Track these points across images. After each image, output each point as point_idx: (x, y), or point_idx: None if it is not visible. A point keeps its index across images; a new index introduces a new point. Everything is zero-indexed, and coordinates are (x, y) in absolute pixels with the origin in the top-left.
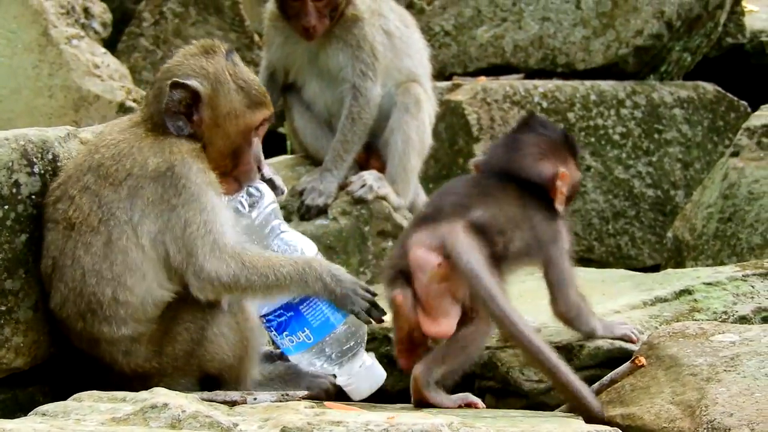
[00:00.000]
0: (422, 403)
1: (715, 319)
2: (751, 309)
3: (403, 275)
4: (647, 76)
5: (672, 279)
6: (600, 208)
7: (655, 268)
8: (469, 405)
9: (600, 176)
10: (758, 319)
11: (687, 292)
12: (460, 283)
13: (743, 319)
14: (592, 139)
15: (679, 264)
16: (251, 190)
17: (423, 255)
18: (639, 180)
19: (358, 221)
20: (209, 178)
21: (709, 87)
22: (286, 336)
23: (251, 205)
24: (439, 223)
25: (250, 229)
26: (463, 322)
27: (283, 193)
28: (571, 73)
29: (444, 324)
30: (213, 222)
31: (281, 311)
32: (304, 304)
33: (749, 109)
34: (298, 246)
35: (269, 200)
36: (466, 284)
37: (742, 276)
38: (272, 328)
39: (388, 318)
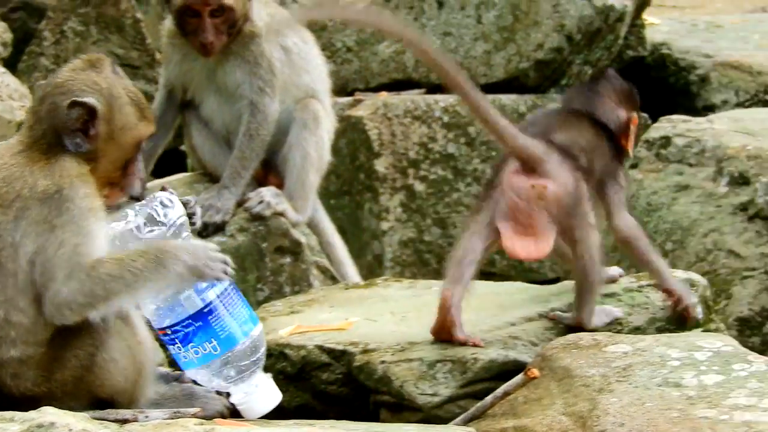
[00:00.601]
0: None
1: (610, 330)
2: (645, 319)
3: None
4: (548, 89)
5: (568, 291)
6: None
7: (557, 281)
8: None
9: None
10: (652, 330)
11: None
12: (556, 201)
13: (637, 330)
14: (493, 153)
15: None
16: (164, 200)
17: (517, 179)
18: None
19: (256, 238)
20: (94, 204)
21: None
22: (192, 347)
23: (165, 215)
24: None
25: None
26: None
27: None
28: None
29: (541, 243)
30: (84, 246)
31: (189, 321)
32: (212, 314)
33: (650, 121)
34: None
35: (180, 212)
36: (562, 201)
37: (638, 287)
38: (177, 340)
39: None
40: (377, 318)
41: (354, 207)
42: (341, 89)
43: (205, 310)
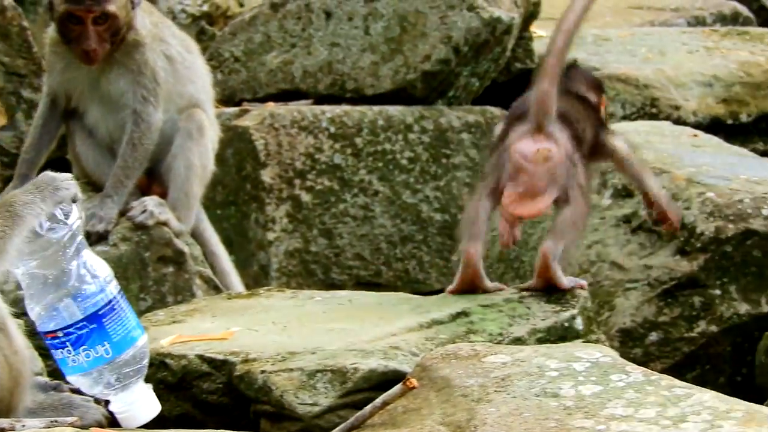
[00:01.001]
0: (547, 280)
1: (491, 341)
2: (527, 330)
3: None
4: (435, 101)
5: (449, 302)
6: (388, 232)
7: (441, 292)
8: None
9: (388, 201)
10: (533, 340)
11: (464, 314)
12: (558, 164)
13: (518, 341)
14: (380, 164)
15: None
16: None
17: (524, 143)
18: (427, 204)
19: (139, 247)
20: None
21: (497, 111)
22: (83, 350)
23: (66, 216)
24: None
25: (61, 243)
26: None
27: None
28: (360, 98)
29: (541, 202)
30: None
31: (84, 323)
32: (107, 317)
33: None
34: (95, 264)
35: (78, 214)
36: (563, 164)
37: (519, 298)
38: (68, 343)
39: None
40: (259, 328)
41: (240, 217)
42: (229, 99)
43: (100, 313)
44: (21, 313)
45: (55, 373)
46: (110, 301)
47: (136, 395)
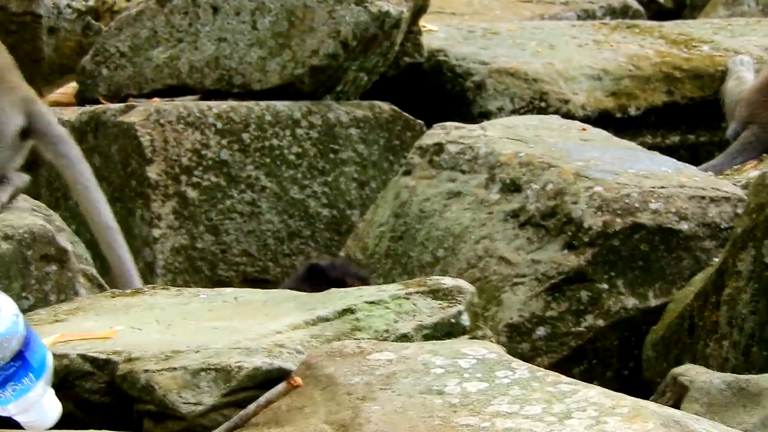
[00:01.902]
0: None
1: (377, 338)
2: (413, 327)
3: None
4: (324, 96)
5: (335, 299)
6: (275, 228)
7: None
8: None
9: (275, 197)
10: (419, 337)
11: (349, 311)
12: None
13: (404, 337)
14: (267, 160)
15: None
16: None
17: None
18: (315, 200)
19: (21, 245)
20: None
21: (386, 106)
22: (11, 386)
23: None
24: None
25: None
26: None
27: None
28: (247, 93)
29: None
30: None
31: (11, 364)
32: (28, 348)
33: (425, 128)
34: None
35: None
36: None
37: (405, 294)
38: None
39: None
40: (142, 326)
41: (126, 214)
42: (114, 95)
43: (23, 347)
44: None
45: None
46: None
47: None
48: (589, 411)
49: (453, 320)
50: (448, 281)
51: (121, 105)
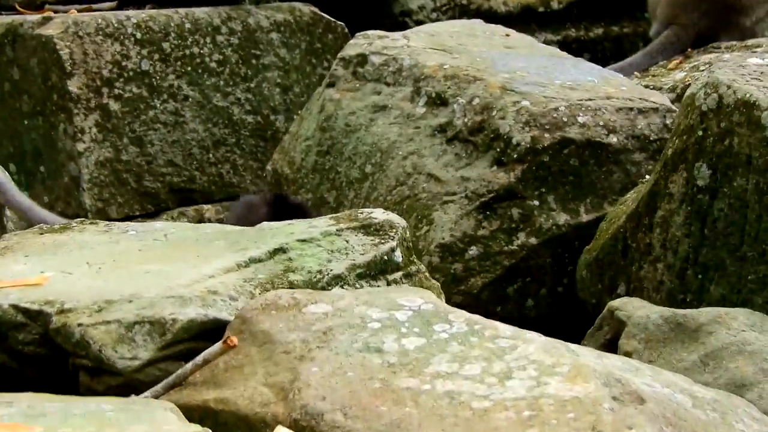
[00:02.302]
0: None
1: (310, 280)
2: (346, 266)
3: None
4: (242, 1)
5: (266, 236)
6: (200, 137)
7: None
8: None
9: (198, 105)
10: (353, 277)
11: (281, 250)
12: None
13: (338, 278)
14: (189, 69)
15: None
16: None
17: None
18: (238, 107)
19: None
20: None
21: (306, 9)
22: None
23: None
24: None
25: None
26: None
27: None
28: (165, 0)
29: None
30: None
31: None
32: None
33: (346, 30)
34: None
35: None
36: None
37: (336, 231)
38: None
39: None
40: (73, 270)
41: (48, 128)
42: (30, 2)
43: None
44: None
45: None
46: None
47: None
48: (529, 370)
49: (386, 257)
50: (378, 215)
51: (38, 16)
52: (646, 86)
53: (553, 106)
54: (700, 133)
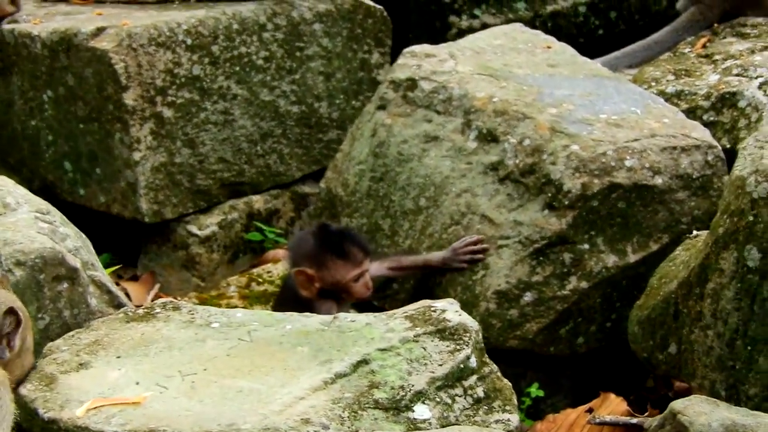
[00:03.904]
0: None
1: (394, 397)
2: (426, 380)
3: None
4: None
5: (348, 342)
6: (248, 132)
7: (304, 179)
8: None
9: (247, 102)
10: (433, 390)
11: (364, 362)
12: None
13: (420, 395)
14: (237, 68)
15: (334, 217)
16: None
17: None
18: (284, 99)
19: (34, 270)
20: None
21: None
22: None
23: None
24: None
25: None
26: None
27: None
28: None
29: None
30: None
31: None
32: None
33: (386, 13)
34: None
35: None
36: None
37: (414, 337)
38: None
39: None
40: (167, 383)
41: (104, 135)
42: None
43: None
44: None
45: None
46: None
47: None
48: None
49: (462, 365)
50: (452, 315)
51: (92, 27)
52: (680, 91)
53: (602, 150)
54: (751, 218)
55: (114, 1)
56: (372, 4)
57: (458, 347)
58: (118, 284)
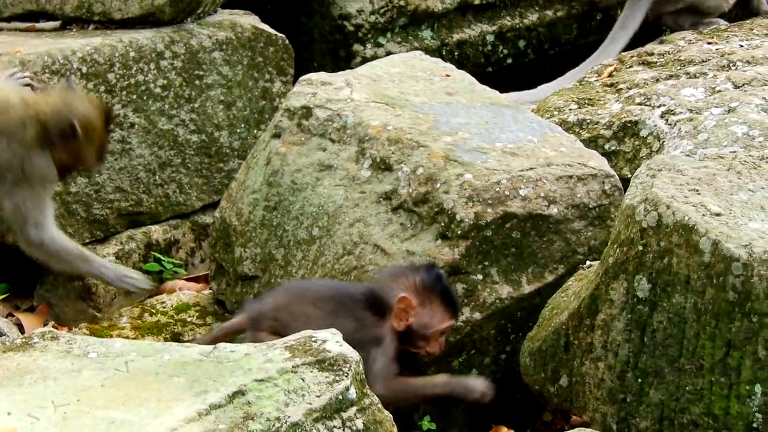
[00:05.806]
0: None
1: (269, 429)
2: (303, 412)
3: None
4: (184, 20)
5: (225, 372)
6: (146, 161)
7: (204, 209)
8: None
9: (144, 131)
10: (310, 422)
11: (240, 393)
12: None
13: (296, 426)
14: (134, 96)
15: (228, 246)
16: None
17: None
18: (183, 128)
19: None
20: None
21: (247, 24)
22: None
23: None
24: None
25: None
26: None
27: None
28: (108, 21)
29: None
30: None
31: None
32: None
33: (287, 42)
34: None
35: None
36: None
37: (292, 367)
38: None
39: None
40: (39, 414)
41: None
42: None
43: None
44: None
45: None
46: None
47: None
48: None
49: (341, 396)
50: (332, 346)
51: None
52: (582, 120)
53: (495, 179)
54: (640, 248)
55: (12, 30)
56: (273, 32)
57: (337, 378)
58: (13, 315)
